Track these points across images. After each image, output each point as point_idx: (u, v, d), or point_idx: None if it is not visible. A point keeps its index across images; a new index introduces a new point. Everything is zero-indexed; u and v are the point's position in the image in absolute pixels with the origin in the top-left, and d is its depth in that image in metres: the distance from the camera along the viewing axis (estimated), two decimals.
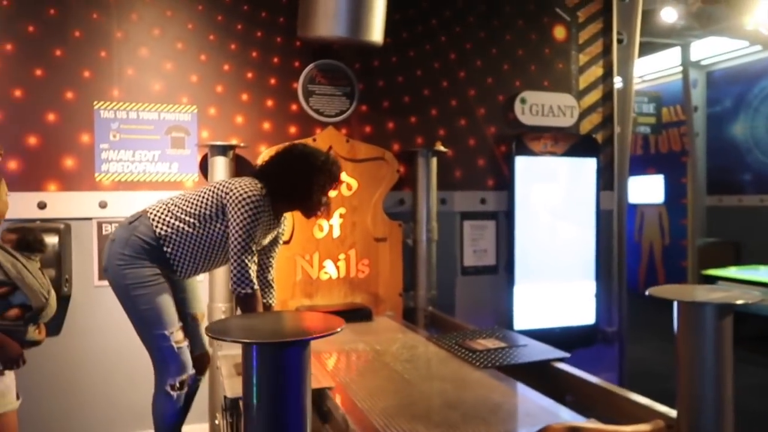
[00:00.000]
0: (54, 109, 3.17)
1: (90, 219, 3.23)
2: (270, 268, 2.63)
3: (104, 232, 3.25)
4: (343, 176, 3.52)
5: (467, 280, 4.04)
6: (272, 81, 3.56)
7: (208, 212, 2.30)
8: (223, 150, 3.27)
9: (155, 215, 2.35)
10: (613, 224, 4.39)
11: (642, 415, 1.93)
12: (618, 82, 4.46)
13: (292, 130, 3.60)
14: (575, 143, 4.17)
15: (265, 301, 2.59)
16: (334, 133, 3.57)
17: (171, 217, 2.33)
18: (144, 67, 3.31)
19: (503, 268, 4.10)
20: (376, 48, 3.50)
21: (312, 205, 2.44)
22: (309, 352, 1.25)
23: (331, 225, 3.53)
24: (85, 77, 3.21)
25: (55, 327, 3.18)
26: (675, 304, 1.73)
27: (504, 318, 4.04)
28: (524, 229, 4.05)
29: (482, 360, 2.44)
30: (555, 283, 4.14)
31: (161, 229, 2.33)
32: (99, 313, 3.23)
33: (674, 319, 1.74)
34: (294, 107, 3.61)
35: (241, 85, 3.50)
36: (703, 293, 1.73)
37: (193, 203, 2.34)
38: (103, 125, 3.25)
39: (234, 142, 3.36)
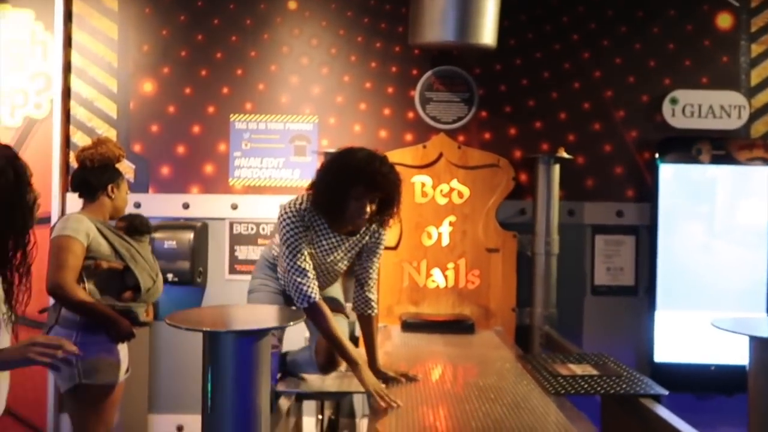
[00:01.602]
0: (198, 122, 3.61)
1: (224, 219, 3.61)
2: (368, 283, 2.31)
3: (235, 232, 3.60)
4: (455, 183, 3.48)
5: (598, 300, 3.65)
6: (390, 90, 3.63)
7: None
8: None
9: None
10: None
11: None
12: None
13: (408, 137, 3.62)
14: (742, 148, 3.53)
15: (364, 312, 2.31)
16: (445, 140, 3.51)
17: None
18: (273, 81, 3.62)
19: (644, 290, 3.62)
20: (492, 51, 3.37)
21: (343, 214, 2.08)
22: (260, 346, 1.25)
23: (440, 233, 3.46)
24: (224, 93, 3.61)
25: None
26: (748, 340, 1.38)
27: (642, 347, 3.56)
28: (671, 248, 3.53)
29: (557, 386, 2.19)
30: (710, 312, 3.50)
31: (274, 249, 2.41)
32: (230, 303, 3.59)
33: (747, 359, 1.39)
34: (410, 115, 3.63)
35: (360, 94, 3.62)
36: None
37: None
38: (237, 135, 3.62)
39: None
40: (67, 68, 3.57)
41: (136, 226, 2.56)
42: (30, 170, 1.55)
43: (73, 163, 3.55)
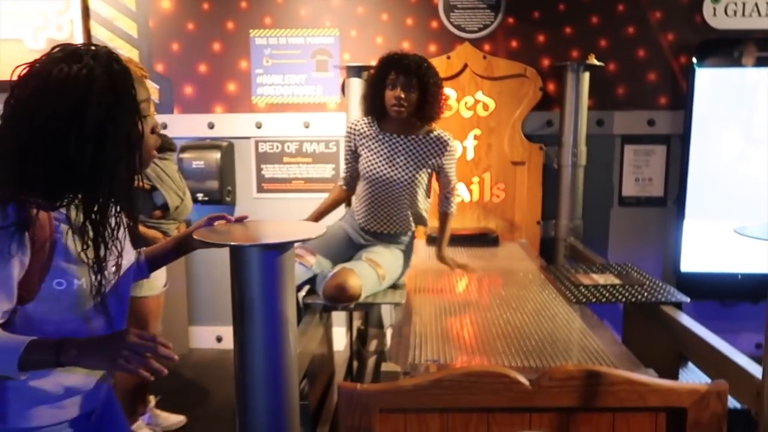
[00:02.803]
0: (218, 39, 3.56)
1: (249, 138, 3.64)
2: (446, 187, 2.45)
3: (260, 150, 3.63)
4: (480, 95, 3.40)
5: (625, 211, 3.63)
6: None
7: None
8: (358, 71, 3.34)
9: None
10: None
11: (743, 376, 1.61)
12: None
13: (432, 48, 3.51)
14: None
15: (441, 209, 2.50)
16: (469, 50, 3.39)
17: None
18: None
19: (673, 200, 3.57)
20: None
21: (383, 104, 2.29)
22: (283, 259, 1.30)
23: (465, 147, 3.43)
24: (243, 7, 3.53)
25: None
26: None
27: (669, 258, 3.57)
28: (704, 156, 3.43)
29: (579, 295, 2.23)
30: (739, 221, 3.46)
31: None
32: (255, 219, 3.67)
33: None
34: (434, 24, 3.50)
35: (382, 4, 3.49)
36: None
37: None
38: (258, 52, 3.56)
39: (372, 63, 3.42)
40: None
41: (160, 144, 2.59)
42: (142, 89, 1.14)
43: None
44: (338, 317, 3.12)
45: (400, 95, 2.23)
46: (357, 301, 2.11)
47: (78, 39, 3.51)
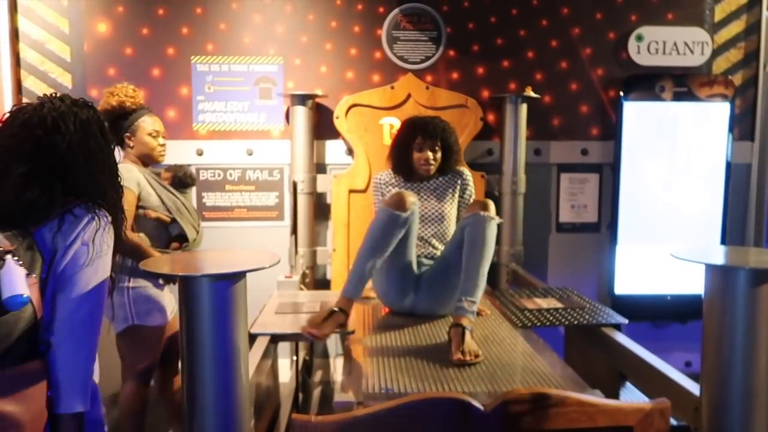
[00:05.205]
0: (158, 65, 3.48)
1: (190, 165, 3.52)
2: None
3: (201, 178, 3.55)
4: None
5: (563, 237, 3.76)
6: (356, 29, 3.54)
7: None
8: (302, 99, 3.36)
9: None
10: (751, 180, 3.75)
11: (681, 393, 1.68)
12: None
13: (376, 78, 3.57)
14: (702, 85, 3.59)
15: None
16: (413, 81, 3.47)
17: None
18: (235, 21, 3.49)
19: (606, 226, 3.74)
20: None
21: (411, 165, 2.58)
22: (236, 289, 1.27)
23: None
24: (184, 33, 3.47)
25: None
26: (704, 268, 1.45)
27: (603, 281, 3.72)
28: (633, 184, 3.62)
29: (524, 319, 2.28)
30: (668, 245, 3.65)
31: None
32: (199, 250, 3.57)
33: (703, 287, 1.47)
34: (378, 55, 3.56)
35: (326, 34, 3.53)
36: (739, 256, 1.43)
37: None
38: (199, 78, 3.51)
39: (317, 92, 3.45)
40: (13, 7, 3.37)
41: (180, 179, 2.66)
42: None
43: None
44: (283, 348, 3.04)
45: (428, 156, 2.54)
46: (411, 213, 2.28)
47: (5, 61, 3.35)
